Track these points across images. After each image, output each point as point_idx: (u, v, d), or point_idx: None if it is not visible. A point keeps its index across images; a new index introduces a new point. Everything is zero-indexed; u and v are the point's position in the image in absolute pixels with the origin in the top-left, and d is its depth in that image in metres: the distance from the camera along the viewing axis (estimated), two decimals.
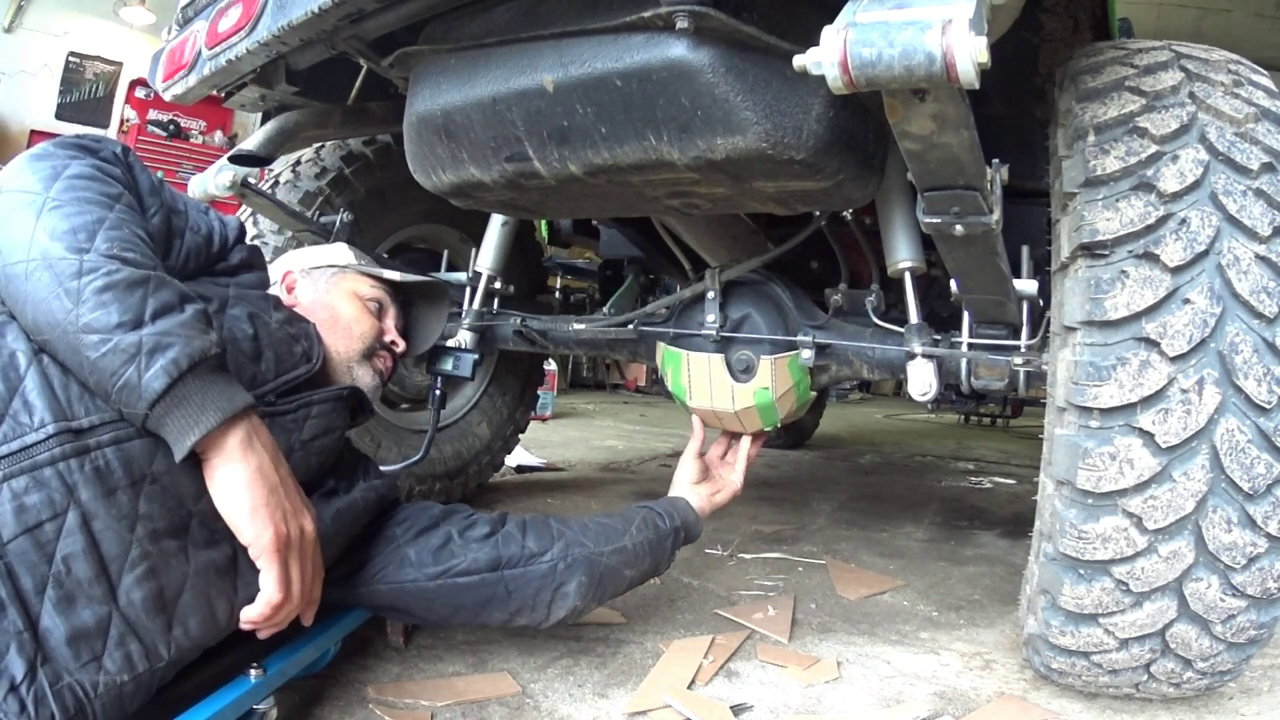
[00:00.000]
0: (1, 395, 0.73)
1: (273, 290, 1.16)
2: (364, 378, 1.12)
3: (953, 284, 1.27)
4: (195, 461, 0.77)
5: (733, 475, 1.46)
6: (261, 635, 0.85)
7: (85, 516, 0.73)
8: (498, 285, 1.87)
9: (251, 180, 1.49)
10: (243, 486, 0.78)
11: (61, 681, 0.70)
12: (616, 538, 1.18)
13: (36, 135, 6.55)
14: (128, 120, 6.79)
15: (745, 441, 1.52)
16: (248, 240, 1.04)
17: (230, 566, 0.83)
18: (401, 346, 1.20)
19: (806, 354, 1.47)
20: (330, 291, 1.17)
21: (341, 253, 1.26)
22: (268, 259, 1.68)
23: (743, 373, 1.50)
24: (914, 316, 1.39)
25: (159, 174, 0.96)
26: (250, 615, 0.82)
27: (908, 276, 1.38)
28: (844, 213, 1.52)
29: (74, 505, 0.72)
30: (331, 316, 1.12)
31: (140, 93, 6.76)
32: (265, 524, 0.79)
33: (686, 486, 1.40)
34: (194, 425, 0.74)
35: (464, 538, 1.10)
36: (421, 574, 1.07)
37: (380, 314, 1.19)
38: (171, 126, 6.87)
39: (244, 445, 0.79)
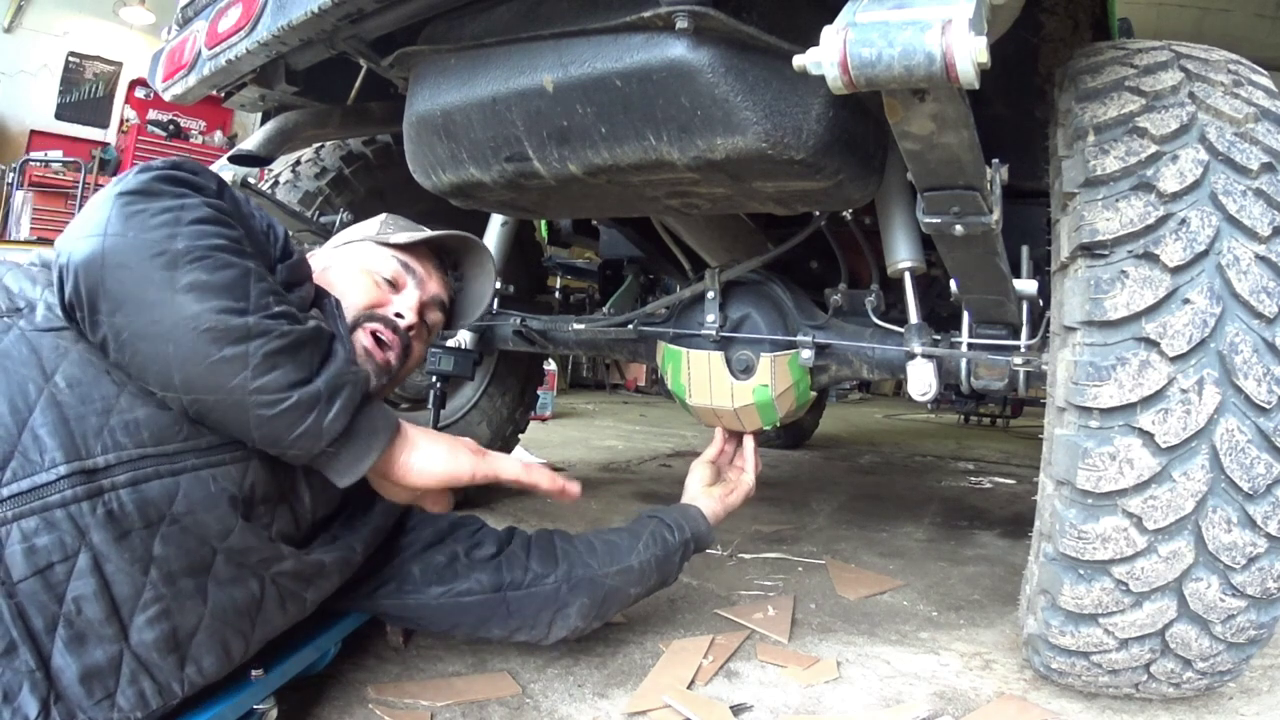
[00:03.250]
0: (9, 428, 0.70)
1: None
2: (369, 365, 1.02)
3: (953, 284, 1.27)
4: (227, 500, 0.78)
5: (745, 475, 1.45)
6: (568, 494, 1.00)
7: (97, 559, 0.71)
8: (497, 285, 1.87)
9: (251, 180, 1.49)
10: (432, 458, 0.89)
11: (76, 719, 0.70)
12: (622, 557, 1.16)
13: (36, 135, 6.56)
14: (127, 120, 6.81)
15: (748, 441, 1.51)
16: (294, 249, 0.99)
17: (253, 604, 0.83)
18: (409, 319, 1.04)
19: (806, 354, 1.47)
20: (336, 265, 1.08)
21: (371, 225, 1.18)
22: None
23: (742, 371, 1.50)
24: (914, 316, 1.39)
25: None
26: (539, 484, 0.97)
27: (907, 276, 1.38)
28: (844, 213, 1.52)
29: (85, 548, 0.71)
30: (327, 286, 1.03)
31: (140, 93, 6.78)
32: (465, 457, 0.91)
33: (699, 491, 1.39)
34: (369, 449, 0.82)
35: (469, 557, 1.10)
36: (424, 592, 1.07)
37: (394, 287, 1.07)
38: (171, 126, 6.89)
39: (407, 432, 0.88)
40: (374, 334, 1.01)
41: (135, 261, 0.72)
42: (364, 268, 1.07)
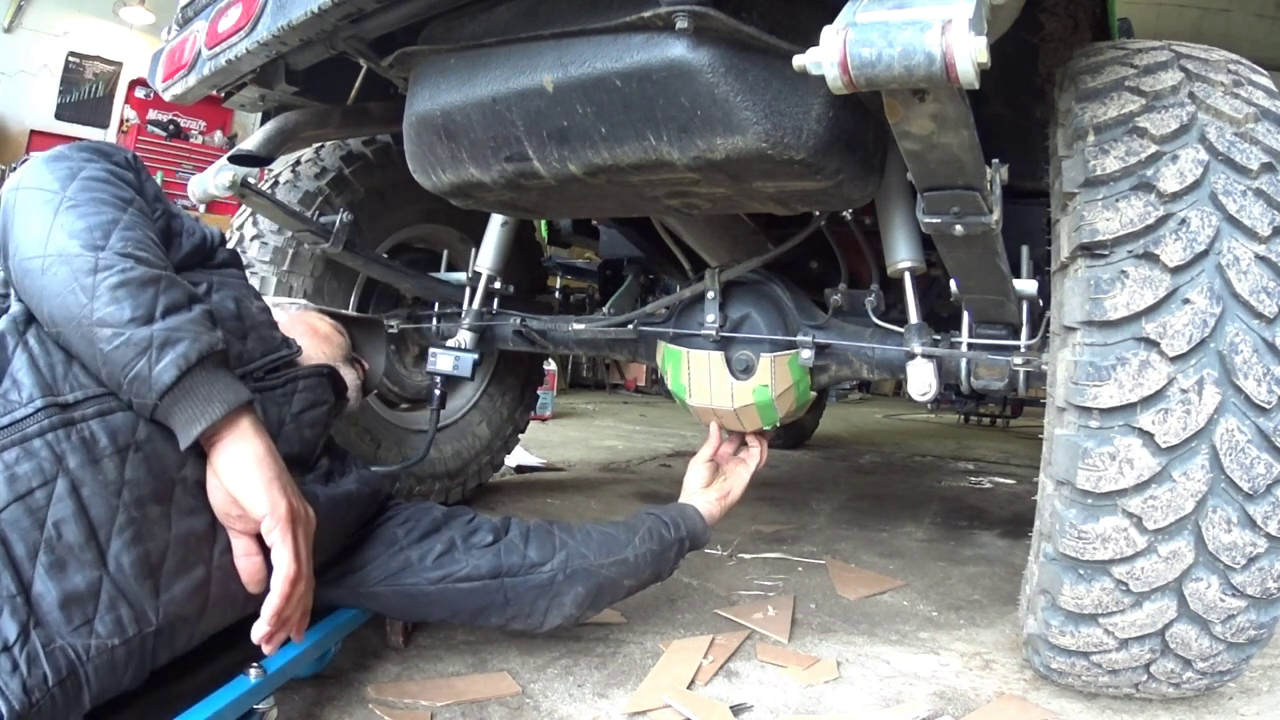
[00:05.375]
0: None
1: None
2: (349, 376, 1.17)
3: (953, 284, 1.27)
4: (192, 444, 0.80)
5: (741, 469, 1.46)
6: (270, 647, 0.82)
7: (74, 483, 0.75)
8: (497, 285, 1.87)
9: (251, 180, 1.49)
10: (254, 462, 0.81)
11: (54, 644, 0.71)
12: (619, 549, 1.18)
13: (36, 135, 6.55)
14: (128, 120, 6.80)
15: (756, 442, 1.52)
16: (235, 244, 1.09)
17: (209, 534, 0.85)
18: (367, 365, 1.28)
19: (806, 354, 1.47)
20: (301, 317, 1.24)
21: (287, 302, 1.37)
22: (267, 258, 1.71)
23: (742, 371, 1.50)
24: (914, 316, 1.39)
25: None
26: (270, 607, 0.80)
27: (908, 276, 1.38)
28: (844, 213, 1.52)
29: (63, 473, 0.75)
30: (310, 329, 1.19)
31: (140, 93, 6.77)
32: (280, 495, 0.81)
33: (697, 491, 1.41)
34: (201, 415, 0.78)
35: (466, 544, 1.11)
36: (423, 578, 1.08)
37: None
38: (171, 126, 6.87)
39: (253, 427, 0.82)
40: (357, 368, 1.22)
41: (31, 206, 0.81)
42: (324, 323, 1.25)
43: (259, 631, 0.81)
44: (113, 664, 0.76)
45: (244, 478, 0.80)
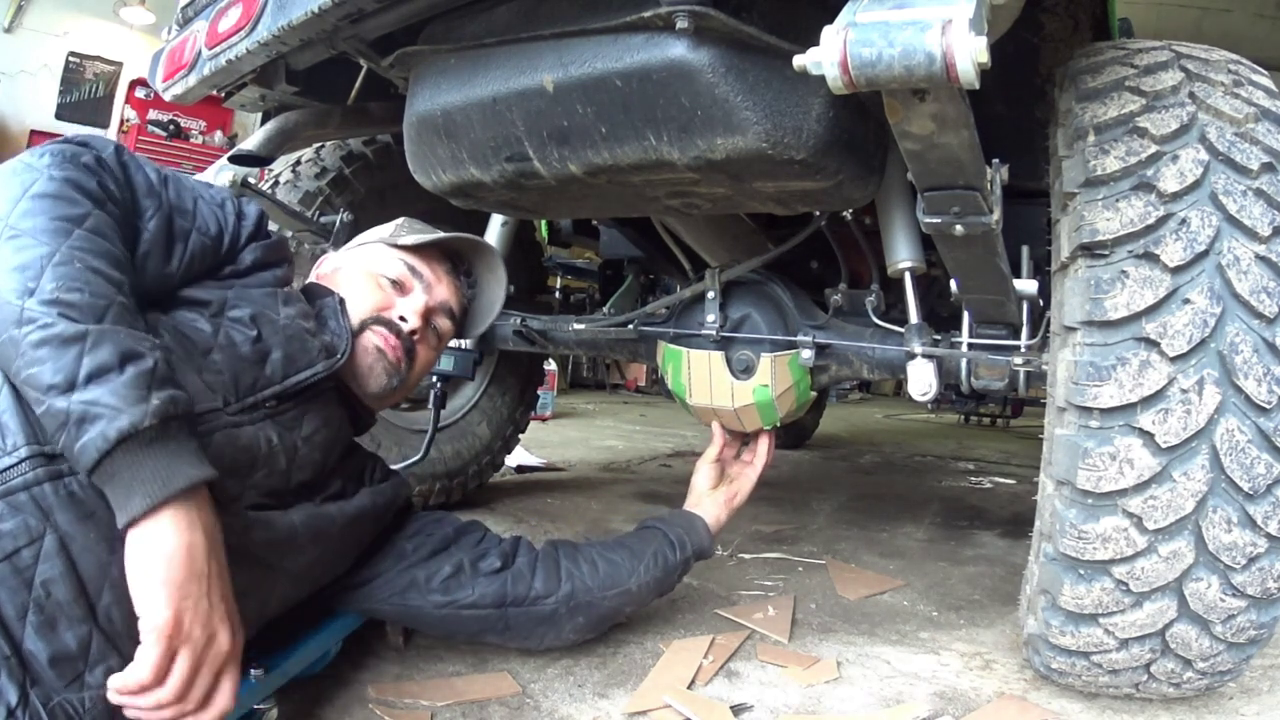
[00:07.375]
0: None
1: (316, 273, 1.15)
2: (358, 356, 1.04)
3: (953, 284, 1.27)
4: None
5: (748, 471, 1.46)
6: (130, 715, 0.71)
7: (63, 540, 0.71)
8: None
9: (251, 180, 1.49)
10: (160, 557, 0.69)
11: (52, 701, 0.70)
12: (622, 580, 1.18)
13: (36, 135, 6.55)
14: (128, 120, 6.79)
15: (763, 440, 1.52)
16: (272, 231, 0.98)
17: None
18: (411, 324, 1.07)
19: (806, 354, 1.47)
20: (345, 267, 1.13)
21: (387, 227, 1.21)
22: None
23: (742, 371, 1.50)
24: (914, 316, 1.39)
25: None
26: (114, 683, 0.69)
27: (908, 276, 1.38)
28: (844, 213, 1.52)
29: (50, 530, 0.70)
30: (371, 279, 1.09)
31: (140, 93, 6.76)
32: (167, 604, 0.68)
33: (705, 493, 1.41)
34: (123, 505, 0.68)
35: (474, 569, 1.11)
36: (428, 600, 1.08)
37: (400, 290, 1.10)
38: (171, 126, 6.87)
39: (178, 521, 0.70)
40: (380, 335, 1.05)
41: None
42: (369, 270, 1.11)
43: (110, 684, 0.69)
44: (110, 710, 0.74)
45: (141, 568, 0.68)
